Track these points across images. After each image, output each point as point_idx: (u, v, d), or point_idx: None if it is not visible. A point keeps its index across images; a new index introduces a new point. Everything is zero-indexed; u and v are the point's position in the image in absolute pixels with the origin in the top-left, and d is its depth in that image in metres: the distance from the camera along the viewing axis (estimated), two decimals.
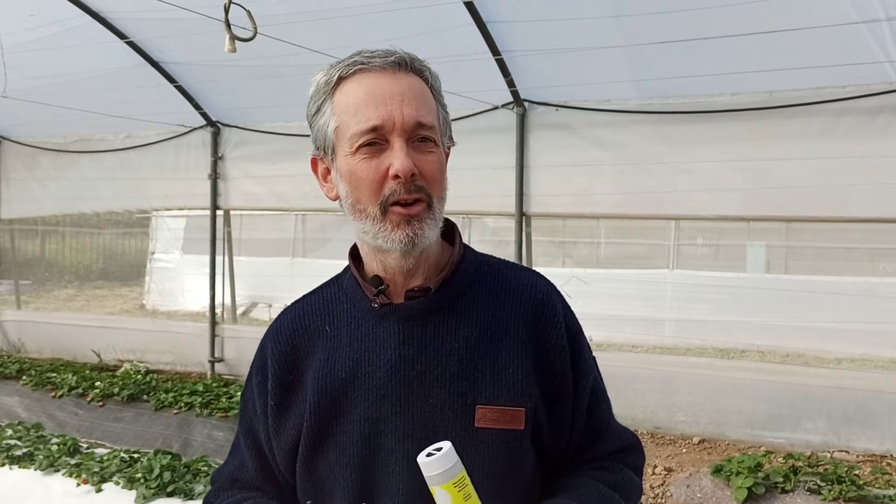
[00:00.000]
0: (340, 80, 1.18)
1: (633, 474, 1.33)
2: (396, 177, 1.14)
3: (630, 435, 1.38)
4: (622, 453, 1.35)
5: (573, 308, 1.36)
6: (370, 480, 1.21)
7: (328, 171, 1.26)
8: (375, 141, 1.15)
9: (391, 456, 1.20)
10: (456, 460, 1.10)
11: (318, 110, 1.21)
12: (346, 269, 1.33)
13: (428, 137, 1.18)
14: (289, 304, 1.38)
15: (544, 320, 1.27)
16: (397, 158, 1.14)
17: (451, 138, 1.27)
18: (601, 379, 1.36)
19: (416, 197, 1.16)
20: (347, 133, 1.17)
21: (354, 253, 1.31)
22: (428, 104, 1.20)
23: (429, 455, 1.10)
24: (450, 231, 1.30)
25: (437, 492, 1.09)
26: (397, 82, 1.17)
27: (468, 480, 1.10)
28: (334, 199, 1.26)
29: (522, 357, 1.23)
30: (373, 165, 1.16)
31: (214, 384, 6.53)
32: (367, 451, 1.21)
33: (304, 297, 1.36)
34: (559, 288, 1.36)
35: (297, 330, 1.31)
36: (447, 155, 1.26)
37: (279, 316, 1.36)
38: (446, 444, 1.10)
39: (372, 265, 1.26)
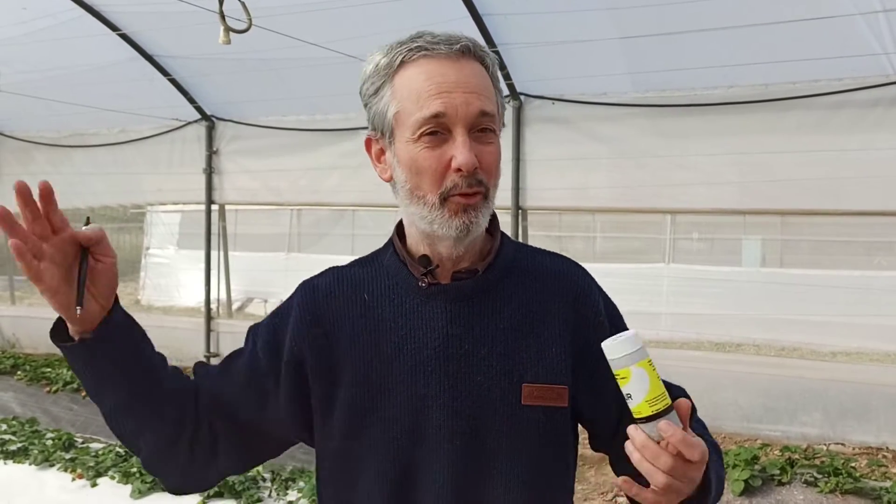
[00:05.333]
0: (402, 63, 1.17)
1: (701, 421, 1.38)
2: (459, 170, 1.15)
3: (681, 389, 1.43)
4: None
5: None
6: (417, 457, 1.23)
7: (382, 152, 1.25)
8: (437, 130, 1.15)
9: (439, 433, 1.22)
10: (643, 343, 1.07)
11: (376, 92, 1.21)
12: (386, 246, 1.33)
13: (488, 127, 1.19)
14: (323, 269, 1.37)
15: (582, 301, 1.31)
16: (461, 153, 1.14)
17: (503, 123, 1.28)
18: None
19: (475, 191, 1.17)
20: (409, 119, 1.16)
21: (399, 231, 1.32)
22: (488, 92, 1.20)
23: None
24: (491, 217, 1.31)
25: (634, 371, 1.05)
26: (461, 70, 1.17)
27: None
28: (388, 181, 1.26)
29: (564, 337, 1.26)
30: (435, 155, 1.15)
31: None
32: (415, 426, 1.22)
33: (341, 266, 1.36)
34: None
35: (332, 291, 1.30)
36: None
37: (314, 276, 1.36)
38: (630, 330, 1.08)
39: (419, 247, 1.27)
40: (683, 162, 5.10)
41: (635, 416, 1.06)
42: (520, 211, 5.62)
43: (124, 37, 5.51)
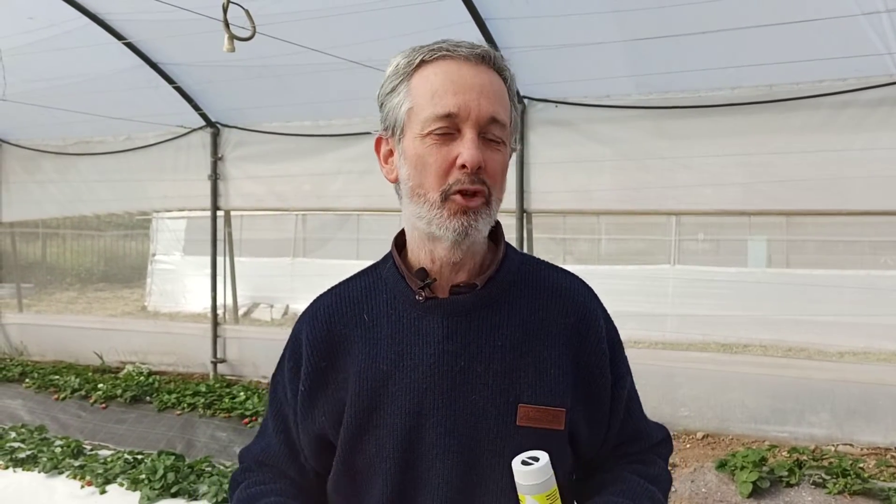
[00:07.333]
0: (422, 63, 1.18)
1: (665, 465, 1.38)
2: (463, 167, 1.14)
3: (662, 429, 1.42)
4: (657, 447, 1.40)
5: None
6: (410, 474, 1.22)
7: (391, 153, 1.24)
8: (448, 129, 1.15)
9: (432, 450, 1.20)
10: (551, 474, 1.10)
11: (393, 90, 1.21)
12: (386, 258, 1.32)
13: (498, 135, 1.18)
14: (323, 291, 1.37)
15: (586, 324, 1.28)
16: (467, 149, 1.14)
17: (516, 141, 1.27)
18: (633, 380, 1.38)
19: (477, 188, 1.15)
20: (421, 115, 1.16)
21: (399, 242, 1.31)
22: (504, 102, 1.20)
23: (524, 463, 1.10)
24: (495, 229, 1.29)
25: (528, 500, 1.10)
26: (479, 75, 1.17)
27: (558, 494, 1.11)
28: (393, 181, 1.25)
29: (564, 359, 1.24)
30: (442, 153, 1.15)
31: (217, 385, 6.53)
32: (408, 445, 1.21)
33: (340, 284, 1.35)
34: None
35: (333, 316, 1.29)
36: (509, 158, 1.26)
37: (314, 302, 1.35)
38: (544, 456, 1.11)
39: (419, 255, 1.25)
40: (688, 163, 5.10)
41: None
42: (525, 214, 5.62)
43: (129, 45, 5.54)
